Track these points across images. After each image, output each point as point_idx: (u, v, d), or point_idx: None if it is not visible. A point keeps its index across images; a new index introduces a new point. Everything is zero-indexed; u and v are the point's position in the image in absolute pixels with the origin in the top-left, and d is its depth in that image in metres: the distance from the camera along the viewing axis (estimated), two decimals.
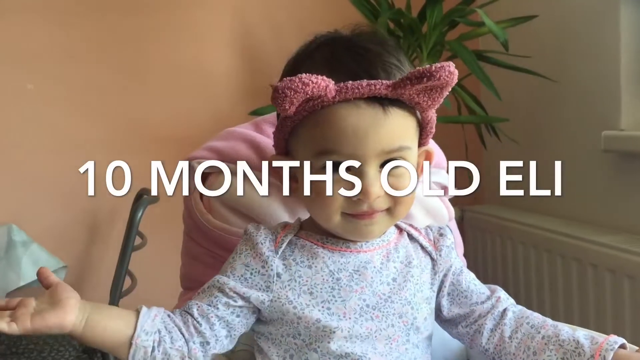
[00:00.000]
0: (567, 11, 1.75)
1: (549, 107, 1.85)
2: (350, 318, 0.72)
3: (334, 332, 0.72)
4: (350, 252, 0.76)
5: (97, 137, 2.00)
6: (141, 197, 1.74)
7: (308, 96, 0.67)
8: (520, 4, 1.80)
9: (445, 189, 1.02)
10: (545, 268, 1.71)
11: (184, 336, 0.73)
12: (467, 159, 1.72)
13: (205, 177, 0.95)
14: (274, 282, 0.74)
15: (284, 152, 0.79)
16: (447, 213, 0.99)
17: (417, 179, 0.77)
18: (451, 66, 0.68)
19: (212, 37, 2.08)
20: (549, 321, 0.77)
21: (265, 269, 0.74)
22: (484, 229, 1.99)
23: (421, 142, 0.78)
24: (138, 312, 0.74)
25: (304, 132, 0.73)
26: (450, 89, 0.71)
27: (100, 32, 1.99)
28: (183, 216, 0.99)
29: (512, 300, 0.81)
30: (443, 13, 1.72)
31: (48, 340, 1.73)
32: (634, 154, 1.55)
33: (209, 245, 0.93)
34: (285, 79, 0.67)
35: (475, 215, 2.01)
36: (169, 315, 0.75)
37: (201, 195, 0.94)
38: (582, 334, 0.74)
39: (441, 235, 0.82)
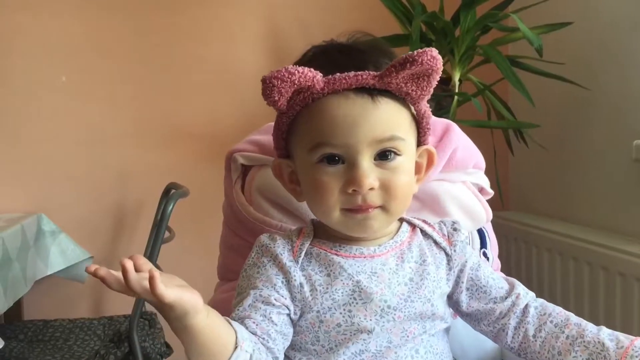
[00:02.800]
0: (602, 19, 1.74)
1: (580, 114, 1.85)
2: (371, 319, 0.72)
3: (354, 334, 0.72)
4: (364, 257, 0.76)
5: (126, 131, 2.03)
6: (169, 191, 1.76)
7: (295, 86, 0.69)
8: (554, 10, 1.80)
9: (482, 189, 1.02)
10: (572, 276, 1.71)
11: (266, 349, 0.71)
12: (495, 165, 1.72)
13: (247, 169, 0.96)
14: (298, 292, 0.73)
15: (284, 153, 0.80)
16: (485, 214, 0.99)
17: (417, 178, 0.78)
18: (433, 51, 0.69)
19: (242, 37, 2.10)
20: (572, 318, 0.77)
21: (288, 280, 0.74)
22: (509, 235, 1.98)
23: (420, 140, 0.78)
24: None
25: (298, 129, 0.75)
26: (437, 77, 0.71)
27: (134, 29, 2.02)
28: (223, 207, 1.00)
29: (531, 294, 0.81)
30: (476, 17, 1.73)
31: (74, 330, 1.75)
32: None
33: (248, 237, 0.93)
34: (272, 70, 0.69)
35: (501, 222, 2.01)
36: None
37: (242, 187, 0.95)
38: (607, 335, 0.74)
39: (455, 230, 0.82)
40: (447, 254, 0.80)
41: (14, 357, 1.62)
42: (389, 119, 0.72)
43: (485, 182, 1.02)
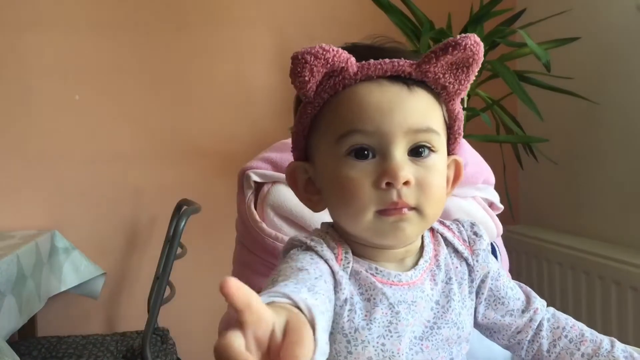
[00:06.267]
0: (609, 34, 1.76)
1: (589, 128, 1.85)
2: (402, 355, 0.67)
3: None
4: (402, 285, 0.68)
5: (139, 148, 2.06)
6: (181, 208, 1.78)
7: (329, 66, 0.63)
8: (561, 25, 1.81)
9: (492, 204, 1.03)
10: (584, 290, 1.70)
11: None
12: (504, 179, 1.73)
13: (259, 186, 0.97)
14: (339, 307, 0.65)
15: (302, 155, 0.73)
16: (496, 228, 1.00)
17: (448, 189, 0.71)
18: (476, 37, 0.64)
19: (253, 54, 2.13)
20: (586, 333, 0.75)
21: (336, 290, 0.66)
22: (520, 249, 1.98)
23: (450, 149, 0.72)
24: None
25: (324, 120, 0.68)
26: (477, 68, 0.67)
27: (146, 48, 2.05)
28: (236, 224, 1.01)
29: (544, 306, 0.78)
30: (484, 33, 1.74)
31: (87, 346, 1.76)
32: None
33: (261, 253, 0.95)
34: (304, 46, 0.63)
35: (511, 236, 2.01)
36: None
37: (255, 204, 0.97)
38: (621, 352, 0.73)
39: (476, 234, 0.76)
40: (468, 264, 0.74)
41: None
42: (425, 109, 0.66)
43: (495, 197, 1.03)
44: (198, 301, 2.00)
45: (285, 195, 0.94)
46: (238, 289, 0.39)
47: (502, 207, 1.04)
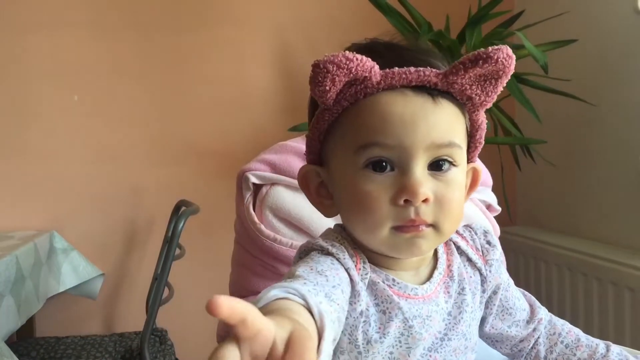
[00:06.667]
0: (606, 36, 1.76)
1: (586, 130, 1.86)
2: None
3: None
4: (418, 299, 0.67)
5: (137, 149, 2.06)
6: (180, 208, 1.78)
7: (352, 75, 0.60)
8: (558, 27, 1.82)
9: (490, 206, 1.03)
10: (581, 291, 1.71)
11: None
12: (502, 181, 1.73)
13: (258, 188, 0.97)
14: (355, 317, 0.64)
15: (317, 159, 0.71)
16: (493, 231, 1.00)
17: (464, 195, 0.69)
18: (509, 49, 0.61)
19: (253, 56, 2.13)
20: (582, 338, 0.76)
21: (353, 301, 0.64)
22: (518, 250, 1.99)
23: (469, 157, 0.70)
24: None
25: (342, 127, 0.65)
26: (506, 81, 0.64)
27: (145, 48, 2.05)
28: (235, 225, 1.01)
29: (547, 315, 0.78)
30: (482, 35, 1.75)
31: (85, 346, 1.76)
32: None
33: (260, 255, 0.95)
34: (326, 54, 0.60)
35: (509, 237, 2.02)
36: None
37: (254, 205, 0.97)
38: (616, 355, 0.73)
39: (489, 243, 0.74)
40: (481, 274, 0.73)
41: None
42: (449, 122, 0.64)
43: (492, 199, 1.03)
44: (196, 302, 1.99)
45: (284, 197, 0.95)
46: (229, 307, 0.36)
47: (499, 209, 1.05)
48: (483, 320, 0.75)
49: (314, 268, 0.61)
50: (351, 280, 0.63)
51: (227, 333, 0.96)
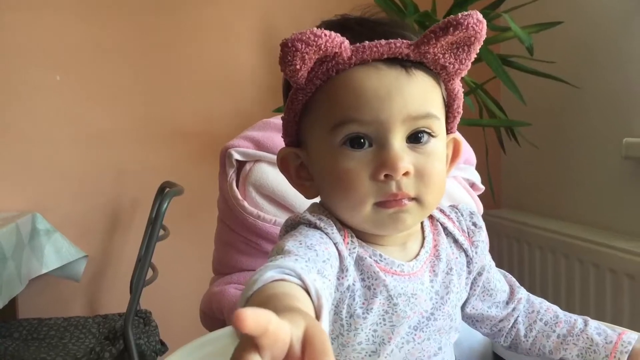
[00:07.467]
0: (591, 18, 1.77)
1: (571, 113, 1.87)
2: (392, 342, 0.66)
3: (370, 355, 0.66)
4: (404, 275, 0.67)
5: (121, 130, 2.04)
6: (164, 190, 1.77)
7: (321, 52, 0.60)
8: (544, 10, 1.82)
9: (473, 185, 1.04)
10: (563, 273, 1.73)
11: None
12: (487, 163, 1.74)
13: (241, 165, 0.97)
14: (342, 292, 0.64)
15: (294, 141, 0.70)
16: (476, 208, 1.01)
17: (446, 167, 0.69)
18: (479, 14, 0.61)
19: (239, 36, 2.11)
20: (560, 314, 0.77)
21: (341, 276, 0.64)
22: (502, 233, 2.00)
23: (448, 127, 0.70)
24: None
25: (317, 106, 0.65)
26: (479, 47, 0.63)
27: (129, 28, 2.03)
28: (218, 202, 1.01)
29: (526, 294, 0.79)
30: None
31: (69, 328, 1.75)
32: None
33: (243, 232, 0.95)
34: (294, 32, 0.59)
35: (493, 220, 2.03)
36: None
37: (237, 182, 0.96)
38: (594, 329, 0.74)
39: (475, 225, 0.75)
40: (467, 255, 0.73)
41: (9, 356, 1.62)
42: (425, 93, 0.63)
43: (476, 178, 1.04)
44: (181, 283, 2.00)
45: (268, 174, 0.95)
46: (254, 320, 0.34)
47: (483, 187, 1.05)
48: (465, 301, 0.76)
49: (303, 242, 0.60)
50: (339, 254, 0.63)
51: (211, 310, 0.95)
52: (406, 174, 0.62)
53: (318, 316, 0.46)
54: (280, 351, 0.37)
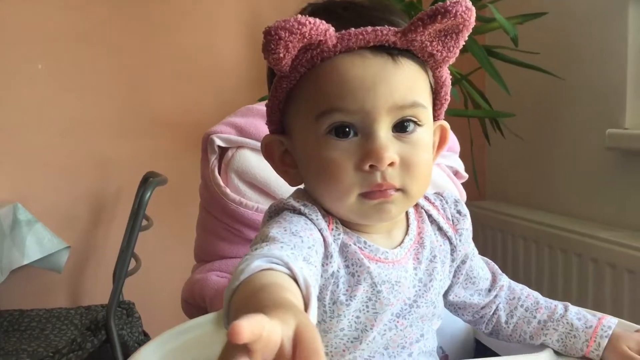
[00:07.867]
0: (576, 9, 1.77)
1: (555, 104, 1.88)
2: (374, 329, 0.66)
3: (352, 342, 0.66)
4: (388, 263, 0.67)
5: (104, 119, 2.02)
6: (147, 180, 1.75)
7: (305, 40, 0.58)
8: (529, 1, 1.82)
9: (457, 173, 1.03)
10: (546, 263, 1.73)
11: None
12: (472, 154, 1.74)
13: (223, 151, 0.96)
14: (326, 279, 0.64)
15: (278, 128, 0.70)
16: (460, 196, 1.00)
17: (433, 154, 0.69)
18: (468, 2, 0.59)
19: (223, 26, 2.09)
20: (541, 300, 0.77)
21: (325, 262, 0.63)
22: (486, 224, 2.01)
23: (435, 114, 0.69)
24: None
25: (301, 95, 0.64)
26: (467, 35, 0.62)
27: (113, 17, 2.00)
28: (200, 189, 1.00)
29: (507, 281, 0.79)
30: None
31: (50, 319, 1.73)
32: (638, 152, 1.57)
33: (225, 219, 0.94)
34: (278, 20, 0.58)
35: (477, 210, 2.04)
36: None
37: (219, 169, 0.96)
38: (574, 315, 0.74)
39: (459, 213, 0.75)
40: (451, 243, 0.73)
41: None
42: (411, 82, 0.62)
43: (459, 166, 1.03)
44: (164, 273, 1.99)
45: (250, 160, 0.94)
46: (250, 331, 0.34)
47: (466, 175, 1.05)
48: (448, 289, 0.76)
49: (287, 229, 0.60)
50: (324, 241, 0.63)
51: (193, 298, 0.94)
52: (391, 164, 0.61)
53: (307, 305, 0.45)
54: (270, 352, 0.36)
